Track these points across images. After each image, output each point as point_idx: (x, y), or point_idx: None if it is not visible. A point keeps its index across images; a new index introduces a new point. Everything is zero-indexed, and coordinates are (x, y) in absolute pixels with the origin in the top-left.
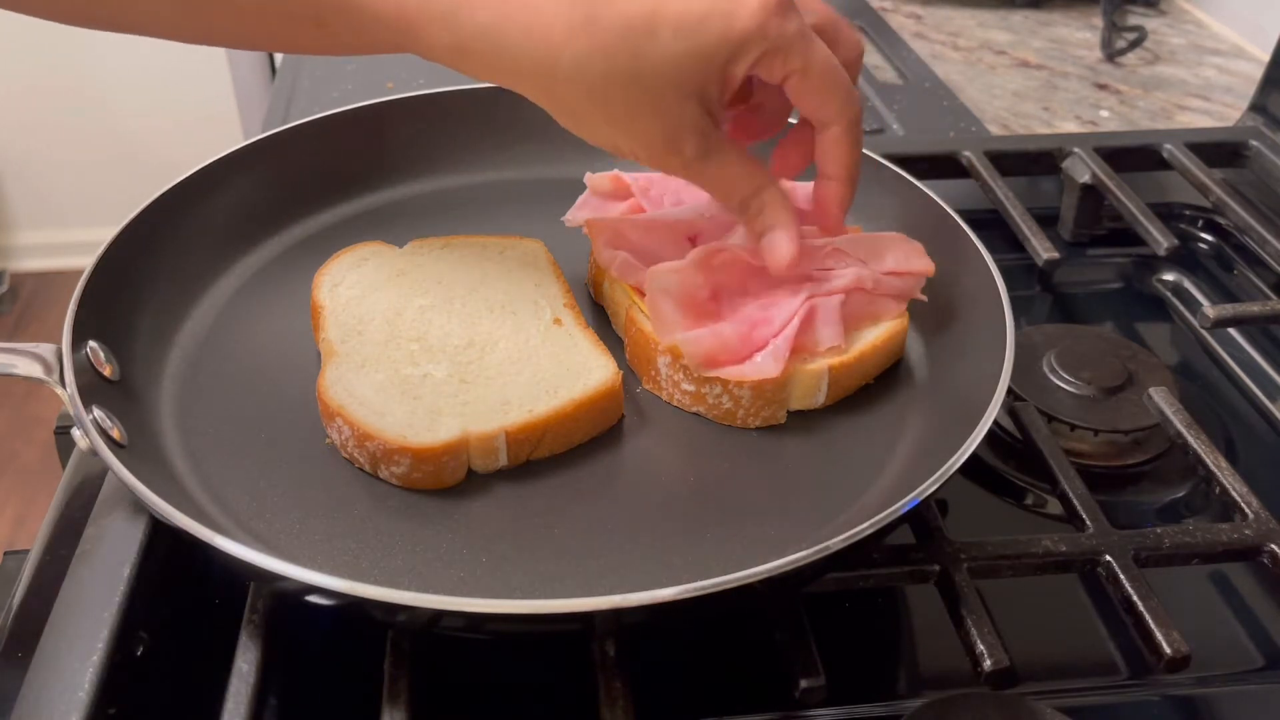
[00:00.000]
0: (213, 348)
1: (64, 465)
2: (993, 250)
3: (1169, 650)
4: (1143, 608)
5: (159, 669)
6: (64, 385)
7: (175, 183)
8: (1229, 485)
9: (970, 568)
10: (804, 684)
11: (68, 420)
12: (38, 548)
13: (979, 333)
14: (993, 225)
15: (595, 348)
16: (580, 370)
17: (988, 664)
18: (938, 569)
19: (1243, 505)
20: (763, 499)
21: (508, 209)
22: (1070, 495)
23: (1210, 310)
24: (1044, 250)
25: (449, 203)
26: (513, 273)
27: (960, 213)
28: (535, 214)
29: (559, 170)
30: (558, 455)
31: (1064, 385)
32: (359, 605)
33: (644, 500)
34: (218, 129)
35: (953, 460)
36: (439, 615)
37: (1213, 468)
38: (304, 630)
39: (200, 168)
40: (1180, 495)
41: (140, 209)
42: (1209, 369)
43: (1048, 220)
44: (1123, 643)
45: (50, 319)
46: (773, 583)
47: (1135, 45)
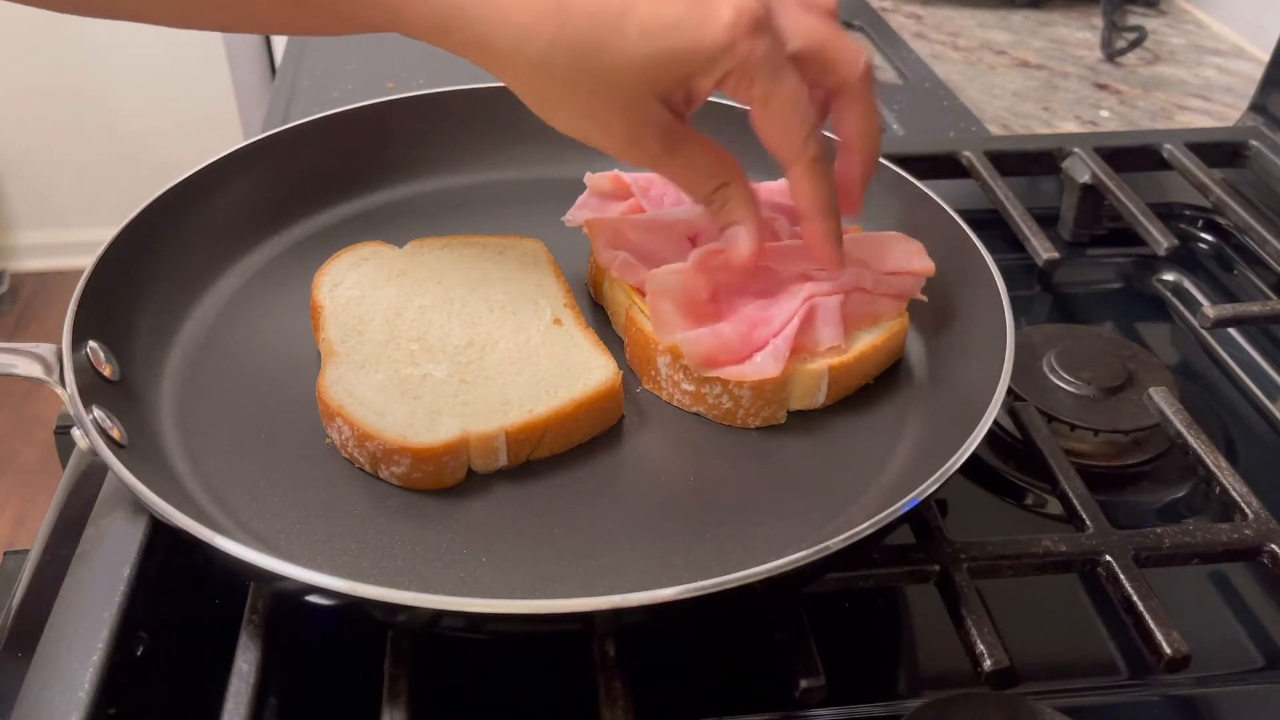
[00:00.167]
0: (213, 348)
1: (64, 465)
2: (993, 250)
3: (1169, 650)
4: (1143, 608)
5: (159, 669)
6: (64, 385)
7: (175, 183)
8: (1229, 485)
9: (970, 568)
10: (804, 684)
11: (68, 420)
12: (38, 548)
13: (979, 333)
14: (993, 225)
15: (595, 348)
16: (580, 370)
17: (988, 664)
18: (938, 569)
19: (1243, 505)
20: (763, 499)
21: (508, 209)
22: (1070, 495)
23: (1210, 310)
24: (1044, 250)
25: (449, 203)
26: (513, 273)
27: (960, 213)
28: (535, 214)
29: (559, 170)
30: (558, 455)
31: (1064, 385)
32: (359, 605)
33: (644, 500)
34: (218, 129)
35: (953, 460)
36: (439, 615)
37: (1213, 468)
38: (304, 630)
39: (200, 168)
40: (1180, 495)
41: (140, 209)
42: (1209, 369)
43: (1048, 220)
44: (1123, 643)
45: (50, 319)
46: (773, 583)
47: (1135, 45)
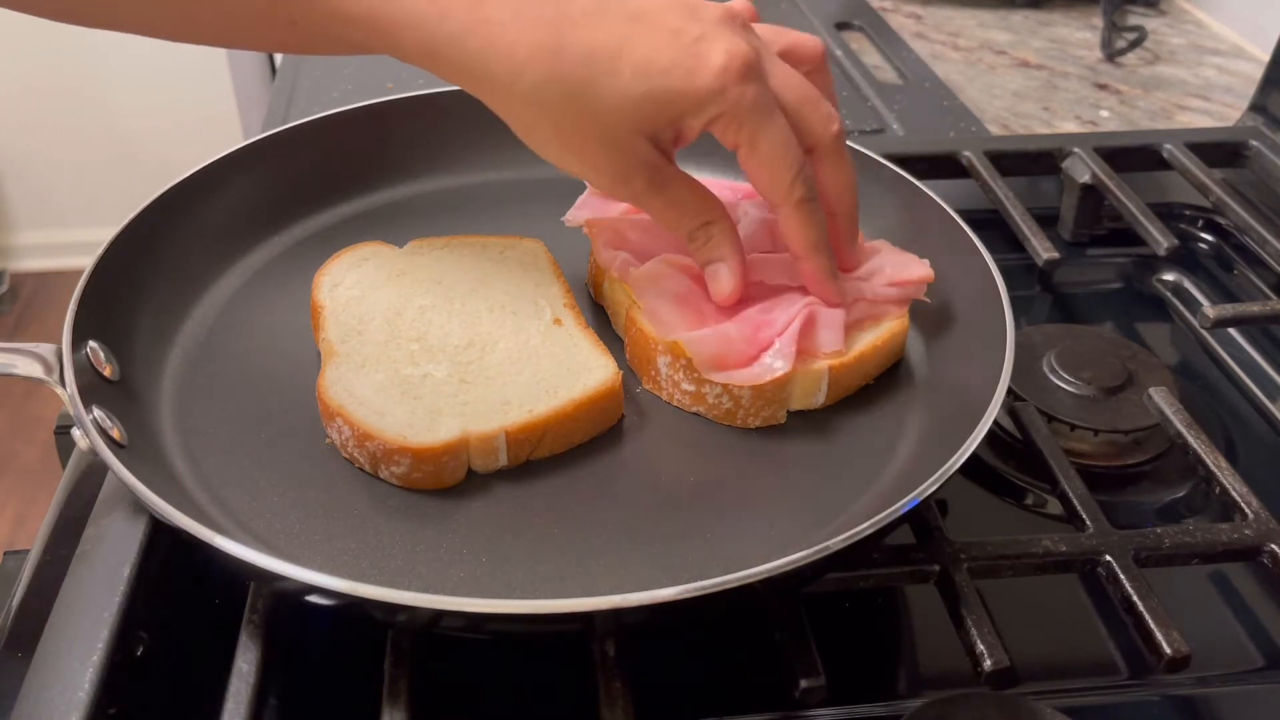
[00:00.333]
0: (213, 348)
1: (64, 465)
2: (993, 250)
3: (1169, 650)
4: (1143, 608)
5: (159, 669)
6: (64, 385)
7: (175, 183)
8: (1229, 485)
9: (970, 568)
10: (804, 684)
11: (68, 420)
12: (38, 548)
13: (979, 333)
14: (993, 225)
15: (595, 348)
16: (580, 370)
17: (988, 664)
18: (938, 569)
19: (1243, 505)
20: (763, 499)
21: (508, 209)
22: (1070, 495)
23: (1210, 310)
24: (1044, 250)
25: (449, 203)
26: (513, 273)
27: (960, 213)
28: (535, 214)
29: (559, 170)
30: (558, 455)
31: (1064, 385)
32: (359, 605)
33: (644, 500)
34: (218, 129)
35: (953, 460)
36: (439, 615)
37: (1213, 468)
38: (304, 630)
39: (200, 168)
40: (1180, 495)
41: (140, 209)
42: (1209, 369)
43: (1048, 220)
44: (1123, 643)
45: (50, 319)
46: (773, 583)
47: (1135, 45)
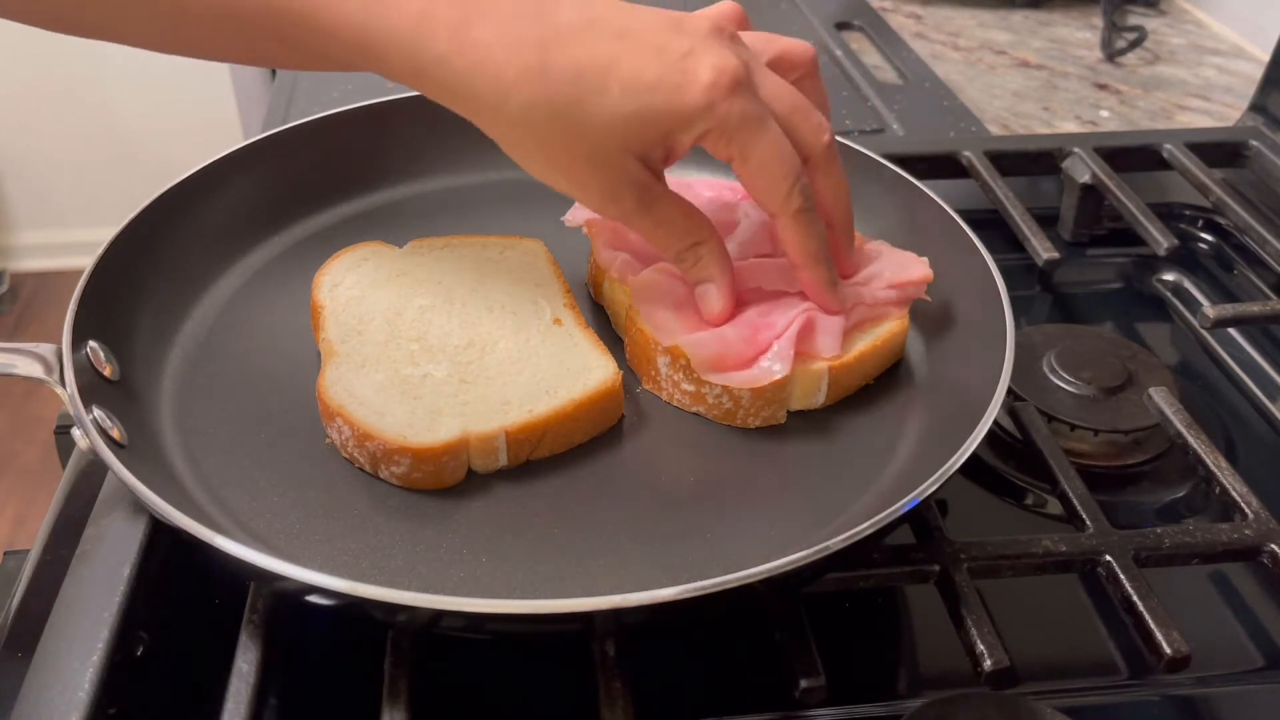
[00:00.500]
0: (213, 348)
1: (64, 465)
2: (993, 250)
3: (1169, 650)
4: (1143, 608)
5: (159, 669)
6: (64, 385)
7: (175, 183)
8: (1229, 485)
9: (970, 568)
10: (804, 684)
11: (68, 420)
12: (38, 548)
13: (979, 333)
14: (993, 225)
15: (595, 348)
16: (580, 370)
17: (988, 664)
18: (938, 569)
19: (1243, 505)
20: (763, 499)
21: (508, 209)
22: (1070, 495)
23: (1210, 310)
24: (1044, 250)
25: (449, 203)
26: (513, 273)
27: (960, 213)
28: (535, 214)
29: None
30: (558, 455)
31: (1064, 385)
32: (359, 605)
33: (644, 500)
34: (218, 129)
35: (953, 460)
36: (439, 615)
37: (1213, 468)
38: (304, 630)
39: (200, 168)
40: (1180, 495)
41: (140, 209)
42: (1209, 369)
43: (1048, 220)
44: (1123, 643)
45: (50, 319)
46: (773, 583)
47: (1135, 45)
